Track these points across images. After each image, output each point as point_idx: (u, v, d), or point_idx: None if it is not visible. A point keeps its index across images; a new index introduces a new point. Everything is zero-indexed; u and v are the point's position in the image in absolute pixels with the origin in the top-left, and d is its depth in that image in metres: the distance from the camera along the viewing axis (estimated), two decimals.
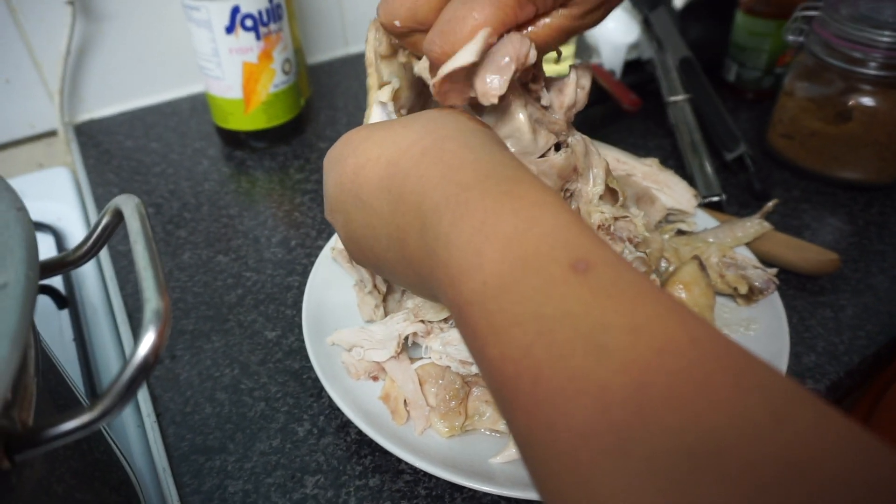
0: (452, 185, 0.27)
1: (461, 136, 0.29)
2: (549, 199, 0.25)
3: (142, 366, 0.22)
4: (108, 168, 0.72)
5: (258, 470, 0.42)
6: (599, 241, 0.24)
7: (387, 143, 0.31)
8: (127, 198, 0.28)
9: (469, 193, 0.26)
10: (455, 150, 0.28)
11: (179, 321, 0.53)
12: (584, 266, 0.23)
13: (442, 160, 0.28)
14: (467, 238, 0.25)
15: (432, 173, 0.28)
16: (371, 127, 0.33)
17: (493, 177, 0.26)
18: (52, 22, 0.72)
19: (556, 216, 0.25)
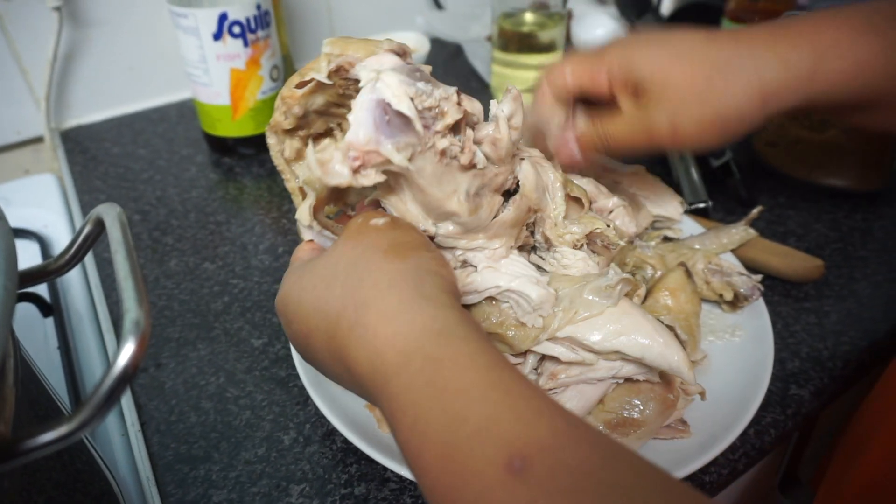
0: (380, 373, 0.27)
1: (377, 300, 0.29)
2: (474, 382, 0.25)
3: (121, 376, 0.22)
4: (94, 175, 0.72)
5: (243, 479, 0.42)
6: (533, 418, 0.24)
7: (319, 314, 0.31)
8: (109, 206, 0.28)
9: (395, 382, 0.26)
10: (374, 326, 0.28)
11: (165, 329, 0.53)
12: (519, 464, 0.22)
13: (366, 342, 0.28)
14: (406, 437, 0.26)
15: (361, 358, 0.28)
16: (300, 285, 0.33)
17: (415, 360, 0.26)
18: (39, 28, 0.71)
19: (483, 401, 0.24)
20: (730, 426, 0.41)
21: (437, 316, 0.28)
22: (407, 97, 0.31)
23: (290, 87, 0.36)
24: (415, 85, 0.32)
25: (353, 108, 0.32)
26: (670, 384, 0.40)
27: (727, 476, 0.42)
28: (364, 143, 0.31)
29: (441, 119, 0.33)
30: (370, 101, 0.31)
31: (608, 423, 0.39)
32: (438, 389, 0.25)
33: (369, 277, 0.30)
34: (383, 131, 0.31)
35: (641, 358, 0.38)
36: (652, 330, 0.39)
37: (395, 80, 0.31)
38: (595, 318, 0.39)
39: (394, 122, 0.32)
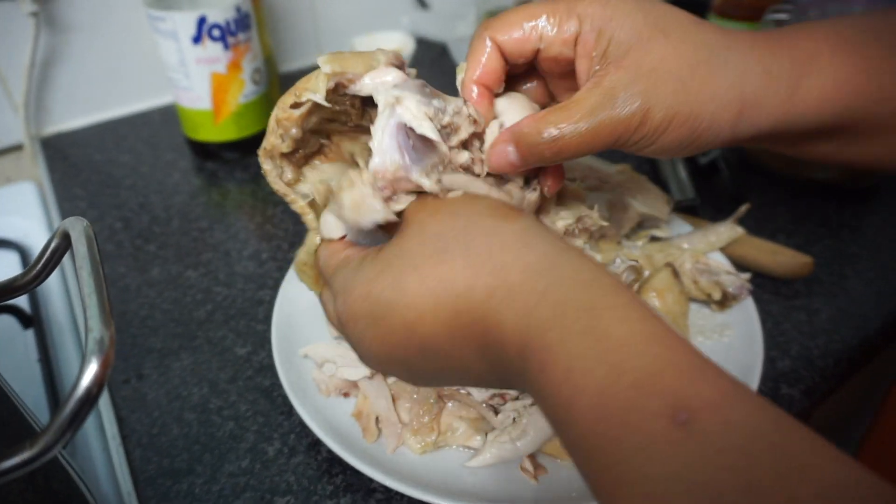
0: (532, 328, 0.25)
1: (516, 260, 0.27)
2: (633, 333, 0.24)
3: (84, 398, 0.21)
4: (75, 182, 0.70)
5: (226, 492, 0.41)
6: (697, 374, 0.22)
7: (438, 290, 0.28)
8: (76, 220, 0.27)
9: (550, 336, 0.24)
10: (521, 284, 0.26)
11: (147, 339, 0.52)
12: (685, 417, 0.21)
13: (512, 302, 0.26)
14: (557, 388, 0.24)
15: (507, 319, 0.26)
16: (396, 273, 0.29)
17: (569, 311, 0.25)
18: (15, 33, 0.70)
19: (644, 355, 0.23)
20: None
21: (580, 266, 0.26)
22: (427, 119, 0.31)
23: (284, 108, 0.34)
24: (431, 104, 0.31)
25: (373, 134, 0.31)
26: None
27: None
28: (392, 172, 0.31)
29: (455, 135, 0.32)
30: (392, 127, 0.31)
31: None
32: (596, 338, 0.24)
33: (496, 240, 0.28)
34: (410, 157, 0.31)
35: None
36: None
37: (413, 102, 0.31)
38: None
39: (416, 145, 0.31)
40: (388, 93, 0.31)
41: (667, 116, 0.31)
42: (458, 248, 0.28)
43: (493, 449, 0.39)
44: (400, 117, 0.31)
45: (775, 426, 0.21)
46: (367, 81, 0.33)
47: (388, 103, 0.31)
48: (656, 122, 0.31)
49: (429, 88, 0.33)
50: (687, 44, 0.31)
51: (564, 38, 0.33)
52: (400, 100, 0.31)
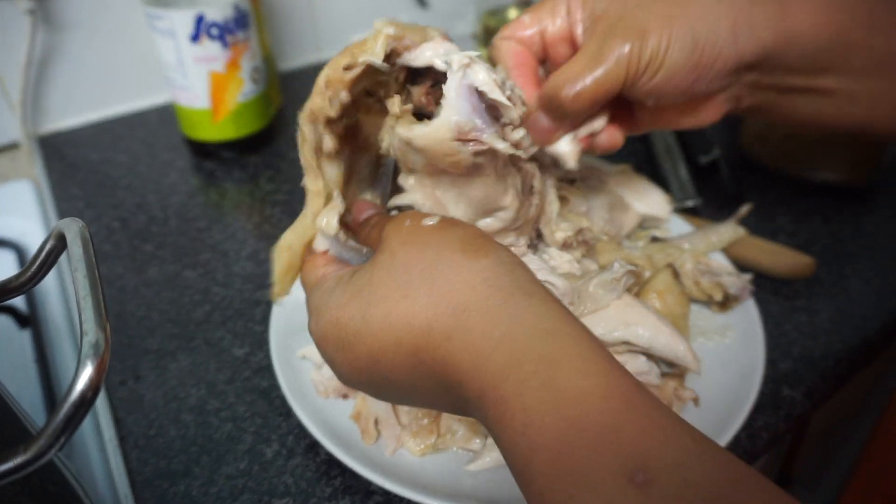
0: (487, 376, 0.25)
1: (477, 302, 0.26)
2: (591, 388, 0.23)
3: (78, 402, 0.21)
4: (72, 181, 0.70)
5: (224, 494, 0.41)
6: (656, 431, 0.22)
7: (399, 328, 0.28)
8: (71, 221, 0.27)
9: (505, 387, 0.24)
10: (479, 329, 0.26)
11: (145, 340, 0.51)
12: (642, 478, 0.21)
13: (469, 346, 0.26)
14: (514, 443, 0.24)
15: (464, 363, 0.26)
16: (359, 302, 0.29)
17: (526, 362, 0.24)
18: (12, 31, 0.69)
19: (602, 412, 0.22)
20: (721, 430, 0.40)
21: (543, 313, 0.26)
22: (497, 86, 0.31)
23: (336, 68, 0.32)
24: (498, 73, 0.31)
25: (445, 93, 0.31)
26: (663, 390, 0.40)
27: None
28: (466, 127, 0.30)
29: (510, 111, 0.32)
30: (464, 88, 0.30)
31: None
32: (554, 393, 0.23)
33: (459, 279, 0.27)
34: (482, 118, 0.31)
35: (649, 348, 0.39)
36: (657, 321, 0.39)
37: (483, 68, 0.31)
38: (602, 311, 0.39)
39: (485, 110, 0.31)
40: (460, 54, 0.31)
41: (664, 35, 0.32)
42: (422, 284, 0.28)
43: (493, 452, 0.39)
44: (472, 80, 0.30)
45: (735, 486, 0.21)
46: (426, 52, 0.32)
47: (461, 64, 0.30)
48: (655, 43, 0.32)
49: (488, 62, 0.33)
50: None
51: (559, 24, 0.37)
52: (472, 64, 0.30)
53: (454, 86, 0.31)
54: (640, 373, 0.39)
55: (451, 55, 0.32)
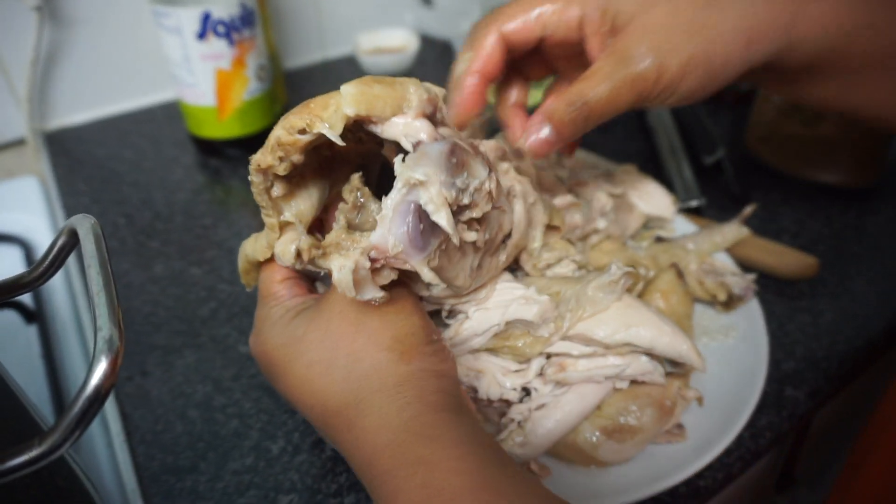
0: (376, 473, 0.28)
1: (380, 405, 0.29)
2: (465, 485, 0.26)
3: (93, 397, 0.21)
4: (78, 177, 0.70)
5: (230, 490, 0.41)
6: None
7: (315, 399, 0.31)
8: (83, 218, 0.27)
9: (392, 484, 0.27)
10: (373, 431, 0.29)
11: (151, 336, 0.52)
12: None
13: (363, 443, 0.29)
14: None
15: (358, 456, 0.29)
16: (290, 351, 0.33)
17: (408, 463, 0.27)
18: (19, 28, 0.70)
19: (458, 480, 0.26)
20: (725, 429, 0.41)
21: (432, 423, 0.29)
22: (446, 206, 0.29)
23: (290, 130, 0.31)
24: (454, 186, 0.29)
25: (383, 206, 0.29)
26: (667, 390, 0.40)
27: (722, 480, 0.41)
28: (391, 252, 0.29)
29: (471, 210, 0.31)
30: (406, 207, 0.29)
31: (605, 430, 0.39)
32: (431, 491, 0.26)
33: (374, 379, 0.30)
34: (416, 244, 0.29)
35: (651, 348, 0.39)
36: (659, 321, 0.39)
37: (436, 186, 0.29)
38: (602, 314, 0.39)
39: (426, 229, 0.29)
40: (410, 171, 0.29)
41: (682, 63, 0.33)
42: (343, 369, 0.31)
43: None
44: (417, 199, 0.29)
45: None
46: (394, 128, 0.30)
47: (407, 182, 0.29)
48: (673, 70, 0.33)
49: (457, 157, 0.30)
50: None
51: (569, 23, 0.35)
52: (422, 182, 0.29)
53: (393, 203, 0.29)
54: (643, 373, 0.39)
55: (417, 135, 0.30)
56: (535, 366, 0.39)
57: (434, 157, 0.29)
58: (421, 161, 0.29)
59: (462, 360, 0.39)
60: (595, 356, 0.39)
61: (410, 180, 0.29)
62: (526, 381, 0.39)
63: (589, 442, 0.39)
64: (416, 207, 0.29)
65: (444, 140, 0.30)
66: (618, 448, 0.39)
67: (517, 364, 0.39)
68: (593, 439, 0.39)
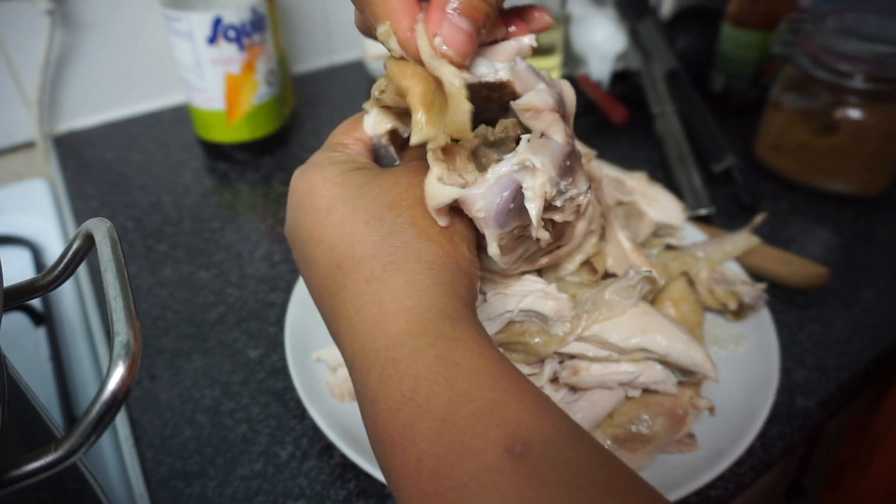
0: (383, 335, 0.26)
1: (412, 274, 0.27)
2: (485, 366, 0.24)
3: (110, 402, 0.21)
4: (87, 180, 0.70)
5: (239, 496, 0.41)
6: (539, 411, 0.23)
7: (344, 235, 0.29)
8: (99, 221, 0.27)
9: (398, 351, 0.25)
10: (397, 291, 0.27)
11: (159, 340, 0.52)
12: (520, 450, 0.22)
13: (380, 299, 0.26)
14: (397, 406, 0.24)
15: (366, 312, 0.27)
16: (339, 192, 0.30)
17: (428, 333, 0.25)
18: (30, 31, 0.70)
19: (493, 387, 0.24)
20: (736, 439, 0.40)
21: (458, 308, 0.27)
22: (542, 199, 0.29)
23: None
24: (558, 185, 0.30)
25: (489, 170, 0.29)
26: (679, 399, 0.40)
27: (733, 490, 0.41)
28: (474, 213, 0.29)
29: (557, 213, 0.31)
30: (509, 181, 0.29)
31: (616, 438, 0.39)
32: (449, 365, 0.24)
33: (413, 249, 0.28)
34: (499, 219, 0.30)
35: (666, 355, 0.39)
36: (674, 328, 0.39)
37: (544, 176, 0.29)
38: (618, 318, 0.39)
39: (514, 210, 0.30)
40: (532, 154, 0.29)
41: None
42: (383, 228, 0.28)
43: None
44: (522, 180, 0.29)
45: (602, 466, 0.23)
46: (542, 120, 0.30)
47: (521, 163, 0.29)
48: None
49: (570, 162, 0.30)
50: None
51: None
52: (534, 168, 0.29)
53: (500, 173, 0.29)
54: (657, 381, 0.39)
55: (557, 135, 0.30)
56: (548, 370, 0.39)
57: (555, 152, 0.30)
58: (543, 150, 0.29)
59: None
60: (609, 361, 0.39)
61: (526, 162, 0.29)
62: (538, 385, 0.39)
63: None
64: (518, 187, 0.29)
65: (569, 143, 0.31)
66: (629, 457, 0.38)
67: (529, 367, 0.39)
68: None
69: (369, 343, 0.26)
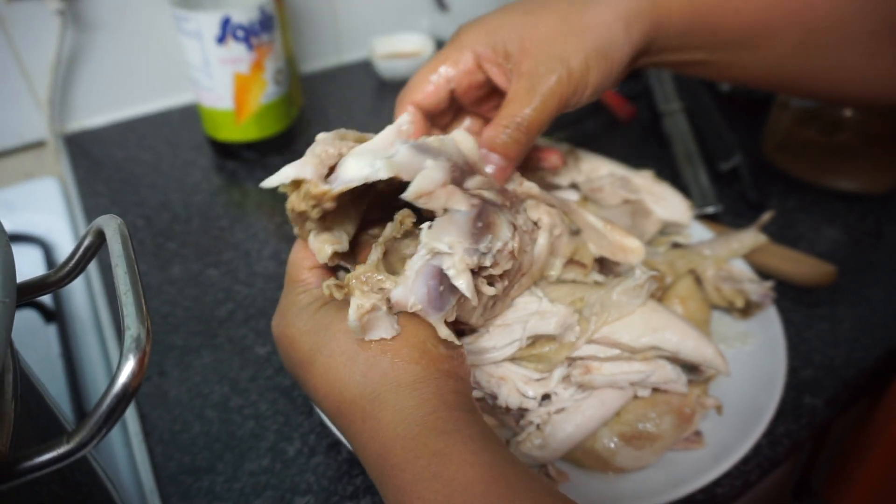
0: (388, 465, 0.28)
1: (396, 402, 0.30)
2: (478, 476, 0.26)
3: (121, 395, 0.22)
4: (97, 179, 0.71)
5: (247, 491, 0.41)
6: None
7: (333, 389, 0.31)
8: (110, 218, 0.28)
9: (403, 477, 0.28)
10: (388, 423, 0.29)
11: (168, 336, 0.52)
12: None
13: (377, 434, 0.29)
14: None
15: (370, 448, 0.30)
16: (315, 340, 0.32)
17: (423, 455, 0.27)
18: (41, 31, 0.71)
19: (485, 494, 0.26)
20: (743, 437, 0.40)
21: (447, 418, 0.29)
22: (468, 272, 0.30)
23: (316, 183, 0.31)
24: (477, 251, 0.31)
25: (407, 266, 0.31)
26: (687, 398, 0.40)
27: (740, 488, 0.41)
28: (410, 309, 0.31)
29: (492, 269, 0.32)
30: (428, 271, 0.30)
31: (623, 436, 0.39)
32: (444, 482, 0.26)
33: (391, 377, 0.30)
34: (434, 304, 0.31)
35: (677, 352, 0.39)
36: (684, 325, 0.39)
37: (460, 252, 0.30)
38: (628, 318, 0.39)
39: (446, 290, 0.31)
40: (435, 241, 0.30)
41: (581, 62, 0.37)
42: (363, 364, 0.31)
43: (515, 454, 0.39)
44: (440, 264, 0.30)
45: None
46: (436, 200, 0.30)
47: (431, 251, 0.30)
48: (577, 69, 0.37)
49: (483, 221, 0.31)
50: (557, 7, 0.38)
51: (467, 69, 0.39)
52: (450, 252, 0.30)
53: (416, 268, 0.30)
54: (667, 381, 0.39)
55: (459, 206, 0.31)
56: (558, 374, 0.39)
57: (460, 224, 0.31)
58: (446, 229, 0.30)
59: (483, 366, 0.39)
60: (621, 360, 0.39)
61: (434, 249, 0.30)
62: (547, 389, 0.39)
63: (607, 448, 0.39)
64: (438, 272, 0.30)
65: (474, 206, 0.31)
66: (636, 455, 0.38)
67: (539, 374, 0.39)
68: (612, 445, 0.39)
69: (378, 473, 0.29)
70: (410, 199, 0.30)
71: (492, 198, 0.33)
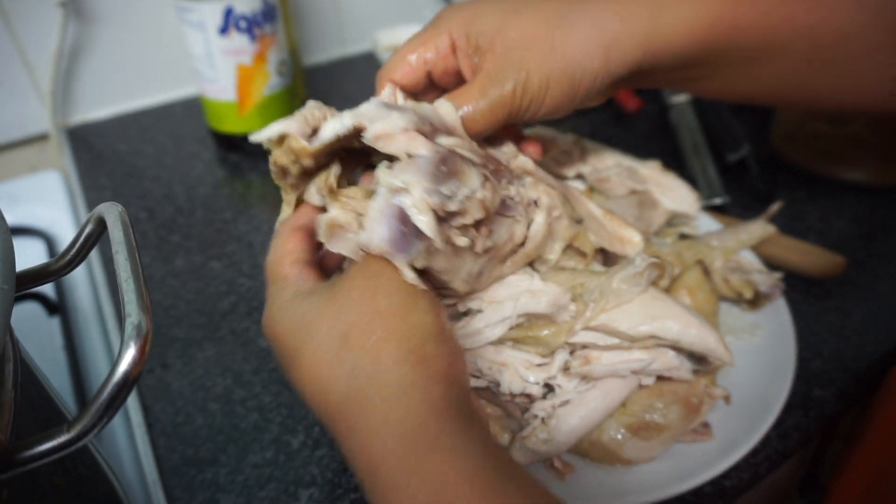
0: (378, 486, 0.28)
1: (383, 411, 0.28)
2: (460, 475, 0.26)
3: (122, 383, 0.21)
4: (100, 171, 0.71)
5: (251, 483, 0.41)
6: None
7: (319, 383, 0.30)
8: (110, 206, 0.27)
9: (384, 474, 0.27)
10: (375, 413, 0.28)
11: (171, 329, 0.52)
12: None
13: (365, 450, 0.28)
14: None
15: (353, 440, 0.29)
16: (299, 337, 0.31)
17: (413, 474, 0.27)
18: (44, 24, 0.70)
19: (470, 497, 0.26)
20: (751, 429, 0.40)
21: (439, 432, 0.28)
22: (430, 211, 0.30)
23: (297, 137, 0.32)
24: (439, 192, 0.30)
25: (368, 210, 0.30)
26: (694, 387, 0.39)
27: (748, 480, 0.41)
28: (376, 252, 0.30)
29: (461, 217, 0.32)
30: (389, 210, 0.30)
31: (630, 427, 0.38)
32: (427, 480, 0.26)
33: (377, 381, 0.29)
34: (398, 246, 0.30)
35: (678, 341, 0.38)
36: (686, 313, 0.39)
37: (419, 190, 0.30)
38: (627, 306, 0.38)
39: (410, 232, 0.30)
40: (391, 177, 0.30)
41: (543, 78, 0.35)
42: (349, 363, 0.29)
43: (520, 448, 0.39)
44: (400, 202, 0.30)
45: None
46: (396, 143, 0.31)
47: (388, 188, 0.30)
48: (535, 85, 0.35)
49: (447, 166, 0.31)
50: (540, 14, 0.36)
51: (444, 54, 0.38)
52: (405, 187, 0.30)
53: (377, 207, 0.30)
54: (670, 368, 0.38)
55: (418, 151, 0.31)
56: (559, 360, 0.39)
57: (420, 165, 0.31)
58: (406, 169, 0.30)
59: (484, 353, 0.39)
60: (620, 349, 0.38)
61: (391, 186, 0.30)
62: (549, 374, 0.38)
63: (614, 440, 0.38)
64: (399, 211, 0.30)
65: (438, 153, 0.31)
66: (643, 446, 0.38)
67: (540, 358, 0.39)
68: (618, 437, 0.38)
69: (370, 481, 0.28)
70: (369, 142, 0.31)
71: (467, 155, 0.33)
